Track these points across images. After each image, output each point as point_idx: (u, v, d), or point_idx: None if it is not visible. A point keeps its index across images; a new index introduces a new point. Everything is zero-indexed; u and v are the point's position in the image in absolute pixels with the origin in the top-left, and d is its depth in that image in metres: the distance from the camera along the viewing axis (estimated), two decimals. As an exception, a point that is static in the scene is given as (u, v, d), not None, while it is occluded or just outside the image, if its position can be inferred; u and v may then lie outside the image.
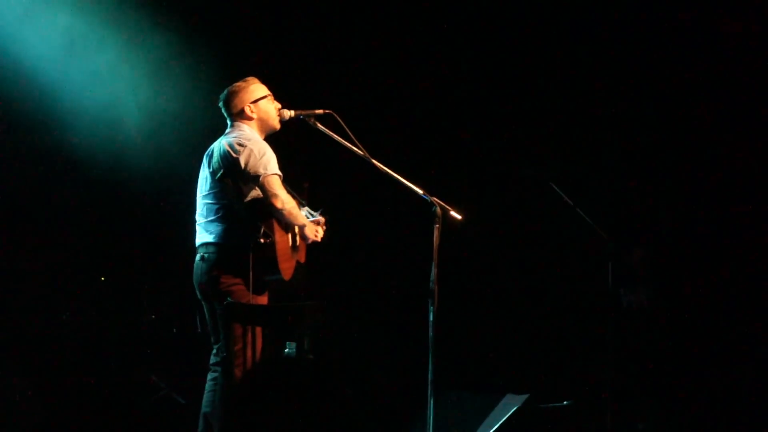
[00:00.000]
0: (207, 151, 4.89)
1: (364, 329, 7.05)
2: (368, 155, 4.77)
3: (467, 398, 5.31)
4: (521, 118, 7.00)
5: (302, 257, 5.14)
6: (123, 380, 6.47)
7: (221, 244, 4.74)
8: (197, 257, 4.83)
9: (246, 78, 5.01)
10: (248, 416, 4.30)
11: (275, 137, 5.04)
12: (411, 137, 7.11)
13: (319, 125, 4.89)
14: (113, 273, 6.83)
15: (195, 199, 4.96)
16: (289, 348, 5.06)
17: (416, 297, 5.08)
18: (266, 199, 4.71)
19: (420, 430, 4.73)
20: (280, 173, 4.78)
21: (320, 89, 6.86)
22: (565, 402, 5.83)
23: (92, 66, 6.57)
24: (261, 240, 4.65)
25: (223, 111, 4.99)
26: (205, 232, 4.81)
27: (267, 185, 4.69)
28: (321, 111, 4.87)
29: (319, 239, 5.14)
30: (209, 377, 4.88)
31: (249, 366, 4.59)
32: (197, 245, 4.86)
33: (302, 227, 4.94)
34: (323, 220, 5.20)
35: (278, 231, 4.77)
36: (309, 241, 5.06)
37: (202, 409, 4.85)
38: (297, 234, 5.00)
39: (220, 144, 4.82)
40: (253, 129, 4.92)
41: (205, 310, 4.93)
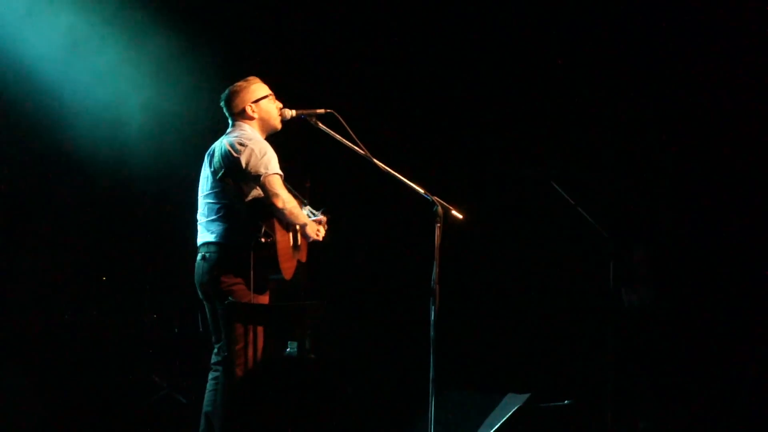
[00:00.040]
0: (208, 151, 4.89)
1: (366, 329, 7.05)
2: (369, 155, 4.77)
3: (468, 397, 5.31)
4: (522, 118, 7.00)
5: (303, 257, 5.14)
6: (124, 380, 6.48)
7: (222, 244, 4.74)
8: (198, 257, 4.83)
9: (247, 77, 5.00)
10: (249, 415, 4.30)
11: (276, 137, 5.04)
12: (412, 137, 7.11)
13: (321, 125, 4.88)
14: (115, 272, 6.84)
15: (196, 199, 4.96)
16: (291, 347, 5.06)
17: (418, 296, 5.07)
18: (267, 199, 4.71)
19: (421, 430, 4.72)
20: (281, 173, 4.78)
21: (321, 89, 6.85)
22: (566, 401, 5.83)
23: (94, 66, 6.58)
24: (262, 239, 4.65)
25: (225, 111, 4.99)
26: (207, 232, 4.82)
27: (268, 185, 4.69)
28: (322, 110, 4.86)
29: (321, 238, 5.14)
30: (210, 376, 4.88)
31: (250, 365, 4.59)
32: (198, 245, 4.86)
33: (303, 226, 4.95)
34: (325, 219, 5.20)
35: (279, 230, 4.77)
36: (310, 240, 5.07)
37: (204, 409, 4.85)
38: (298, 233, 5.01)
39: (221, 143, 4.82)
40: (255, 129, 4.92)
41: (206, 310, 4.94)
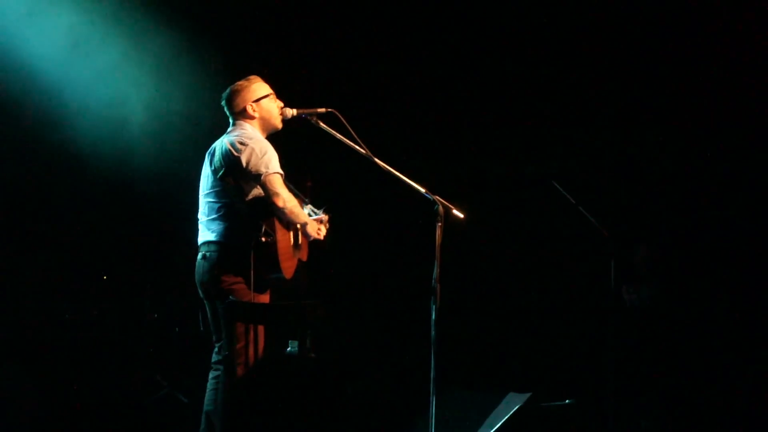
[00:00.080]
0: (209, 150, 4.89)
1: (367, 328, 7.05)
2: (370, 154, 4.76)
3: (469, 397, 5.30)
4: (523, 117, 7.00)
5: (304, 256, 5.14)
6: (125, 379, 6.48)
7: (223, 243, 4.74)
8: (199, 256, 4.84)
9: (248, 77, 5.00)
10: (250, 414, 4.30)
11: (277, 136, 5.04)
12: (413, 136, 7.11)
13: (322, 124, 4.87)
14: (116, 272, 6.84)
15: (197, 198, 4.96)
16: (291, 346, 5.06)
17: (418, 295, 5.07)
18: (268, 198, 4.71)
19: (422, 429, 4.72)
20: (282, 172, 4.78)
21: (322, 88, 6.86)
22: (568, 401, 5.82)
23: (96, 65, 6.58)
24: (262, 239, 4.65)
25: (226, 110, 4.99)
26: (207, 231, 4.82)
27: (268, 184, 4.69)
28: (323, 109, 4.86)
29: (322, 237, 5.14)
30: (211, 375, 4.89)
31: (251, 364, 4.59)
32: (199, 244, 4.86)
33: (304, 225, 4.95)
34: (326, 218, 5.21)
35: (280, 230, 4.77)
36: (311, 239, 5.07)
37: (204, 408, 4.85)
38: (299, 232, 5.01)
39: (222, 143, 4.82)
40: (255, 128, 4.92)
41: (207, 309, 4.94)
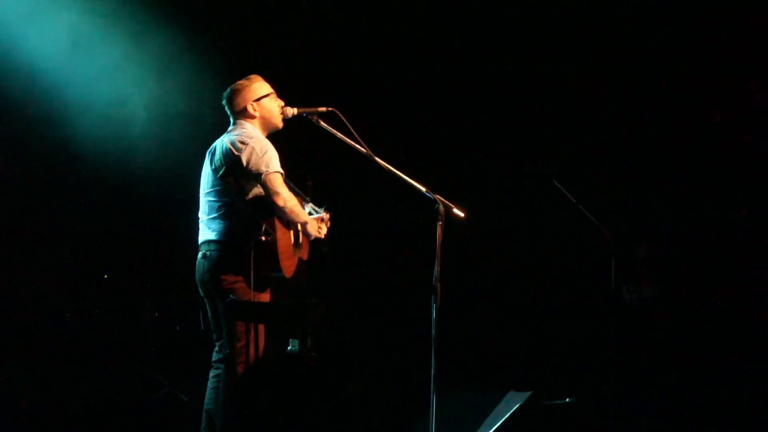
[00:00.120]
0: (209, 149, 4.89)
1: (367, 326, 7.05)
2: (371, 153, 4.76)
3: (470, 395, 5.30)
4: (524, 116, 6.99)
5: (305, 254, 5.14)
6: (126, 378, 6.48)
7: (223, 242, 4.75)
8: (199, 255, 4.84)
9: (249, 76, 5.00)
10: (250, 413, 4.30)
11: (278, 135, 5.04)
12: (414, 135, 7.11)
13: (322, 123, 4.87)
14: (116, 271, 6.84)
15: (198, 197, 4.97)
16: (292, 345, 5.07)
17: (419, 294, 5.07)
18: (268, 197, 4.71)
19: (423, 428, 4.72)
20: (282, 171, 4.78)
21: (323, 86, 6.86)
22: (568, 399, 5.82)
23: (98, 64, 6.58)
24: (262, 238, 4.65)
25: (226, 109, 4.99)
26: (208, 230, 4.82)
27: (269, 183, 4.70)
28: (324, 108, 4.86)
29: (323, 236, 5.14)
30: (211, 374, 4.89)
31: (251, 363, 4.59)
32: (199, 243, 4.86)
33: (304, 225, 4.95)
34: (327, 217, 5.21)
35: (280, 229, 4.77)
36: (311, 239, 5.07)
37: (205, 406, 4.86)
38: (299, 231, 5.01)
39: (222, 142, 4.82)
40: (256, 127, 4.92)
41: (208, 308, 4.94)
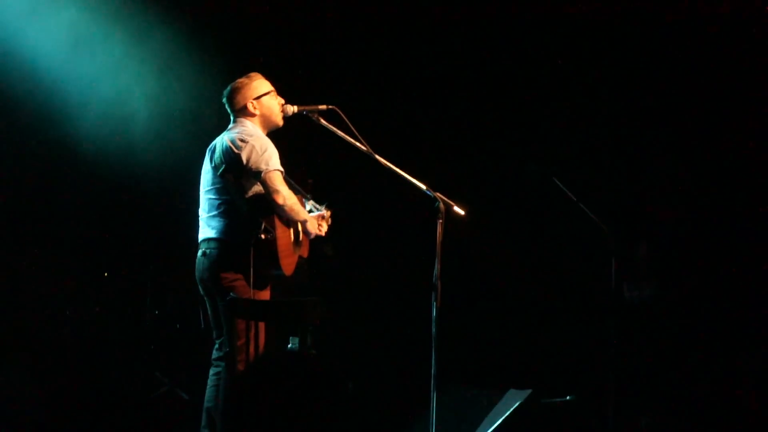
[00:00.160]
0: (209, 147, 4.89)
1: (367, 325, 7.05)
2: (371, 151, 4.76)
3: (470, 394, 5.30)
4: (524, 114, 7.00)
5: (305, 252, 5.14)
6: (126, 376, 6.49)
7: (222, 240, 4.75)
8: (199, 253, 4.84)
9: (249, 74, 4.99)
10: (251, 411, 4.31)
11: (279, 133, 5.04)
12: (414, 133, 7.11)
13: (323, 121, 4.87)
14: (117, 269, 6.85)
15: (198, 194, 4.97)
16: (292, 343, 5.06)
17: (419, 292, 5.07)
18: (268, 195, 4.71)
19: (423, 426, 4.72)
20: (282, 169, 4.78)
21: (323, 84, 6.86)
22: (568, 397, 5.82)
23: (99, 62, 6.58)
24: (262, 236, 4.65)
25: (227, 107, 4.99)
26: (207, 227, 4.82)
27: (268, 181, 4.69)
28: (324, 107, 4.85)
29: (323, 233, 5.14)
30: (211, 372, 4.89)
31: (252, 361, 4.59)
32: (199, 240, 4.86)
33: (304, 223, 4.94)
34: (328, 214, 5.20)
35: (280, 227, 4.77)
36: (311, 237, 5.07)
37: (205, 404, 4.86)
38: (299, 229, 5.01)
39: (222, 140, 4.82)
40: (256, 125, 4.92)
41: (207, 306, 4.94)
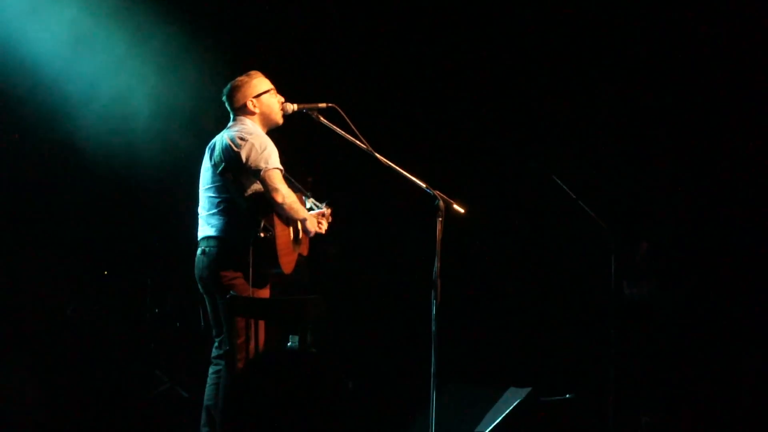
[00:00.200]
0: (209, 145, 4.89)
1: (367, 323, 7.05)
2: (371, 149, 4.76)
3: (469, 392, 5.31)
4: (524, 111, 7.00)
5: (305, 250, 5.14)
6: (126, 374, 6.50)
7: (222, 238, 4.75)
8: (198, 251, 4.84)
9: (249, 72, 4.99)
10: (250, 409, 4.31)
11: (278, 131, 5.04)
12: (414, 131, 7.11)
13: (322, 119, 4.87)
14: (117, 267, 6.85)
15: (197, 192, 4.97)
16: (292, 341, 5.07)
17: (419, 290, 5.07)
18: (267, 194, 4.71)
19: (422, 424, 4.73)
20: (281, 167, 4.78)
21: (323, 83, 6.86)
22: (568, 396, 5.82)
23: (100, 59, 6.58)
24: (261, 234, 4.65)
25: (226, 105, 4.99)
26: (207, 226, 4.82)
27: (268, 179, 4.69)
28: (324, 105, 4.85)
29: (323, 231, 5.14)
30: (211, 370, 4.89)
31: (251, 359, 4.59)
32: (199, 239, 4.86)
33: (303, 221, 4.94)
34: (329, 212, 5.20)
35: (279, 225, 4.76)
36: (311, 235, 5.06)
37: (205, 402, 4.86)
38: (299, 227, 5.00)
39: (222, 138, 4.82)
40: (256, 123, 4.92)
41: (207, 304, 4.94)
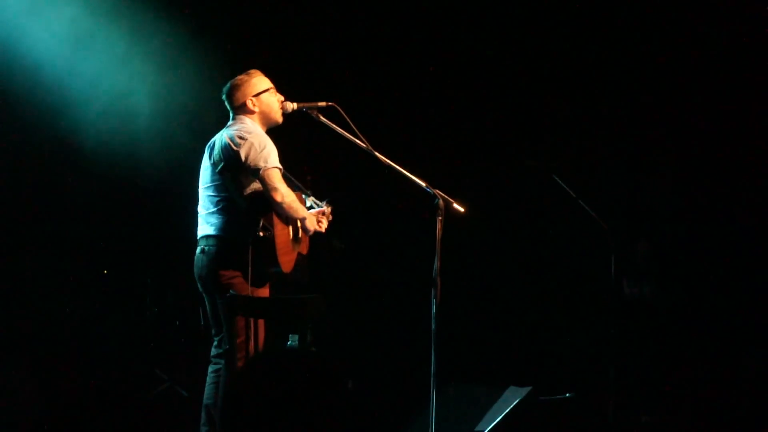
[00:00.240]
0: (208, 143, 4.89)
1: (367, 322, 7.05)
2: (371, 147, 4.76)
3: (469, 391, 5.30)
4: (524, 110, 7.00)
5: (305, 249, 5.14)
6: (126, 373, 6.50)
7: (221, 237, 4.74)
8: (198, 250, 4.83)
9: (249, 71, 4.98)
10: (250, 408, 4.30)
11: (278, 130, 5.03)
12: (414, 129, 7.11)
13: (322, 118, 4.86)
14: (116, 266, 6.85)
15: (197, 191, 4.96)
16: (292, 340, 5.07)
17: (419, 289, 5.07)
18: (266, 193, 4.70)
19: (422, 423, 4.72)
20: (281, 167, 4.77)
21: (323, 81, 6.86)
22: (568, 395, 5.82)
23: (101, 58, 6.58)
24: (260, 233, 4.64)
25: (226, 104, 4.98)
26: (206, 224, 4.82)
27: (267, 178, 4.68)
28: (324, 103, 4.85)
29: (323, 230, 5.13)
30: (210, 369, 4.89)
31: (251, 358, 4.59)
32: (198, 237, 4.86)
33: (303, 220, 4.93)
34: (329, 210, 5.20)
35: (278, 224, 4.76)
36: (310, 234, 5.06)
37: (204, 402, 4.86)
38: (299, 226, 5.00)
39: (221, 137, 4.82)
40: (255, 122, 4.91)
41: (206, 303, 4.94)
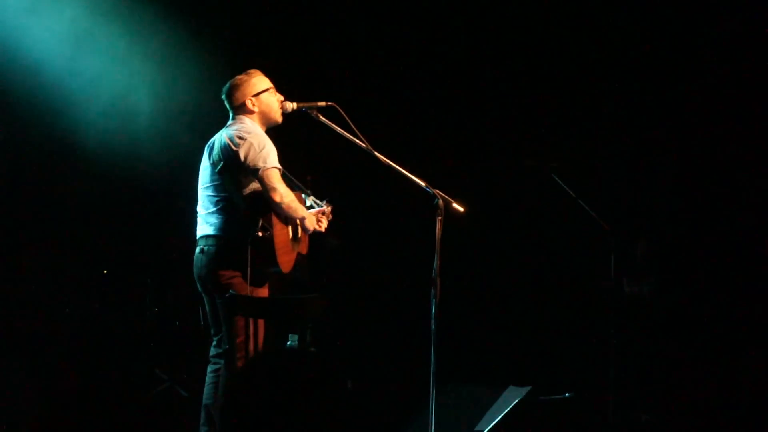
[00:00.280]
0: (208, 143, 4.89)
1: (367, 321, 7.05)
2: (371, 147, 4.76)
3: (469, 390, 5.31)
4: (523, 110, 7.00)
5: (304, 249, 5.13)
6: (126, 373, 6.49)
7: (220, 237, 4.74)
8: (197, 249, 4.83)
9: (248, 71, 4.98)
10: (249, 408, 4.30)
11: (278, 130, 5.03)
12: (414, 129, 7.11)
13: (322, 117, 4.86)
14: (116, 266, 6.85)
15: (197, 191, 4.96)
16: (291, 340, 5.07)
17: (418, 289, 5.07)
18: (265, 193, 4.69)
19: (422, 423, 4.72)
20: (280, 166, 4.77)
21: (323, 81, 6.86)
22: (567, 394, 5.82)
23: (102, 57, 6.58)
24: (259, 233, 4.64)
25: (226, 104, 4.98)
26: (206, 224, 4.81)
27: (266, 178, 4.68)
28: (323, 103, 4.84)
29: (323, 229, 5.13)
30: (210, 369, 4.88)
31: (251, 358, 4.59)
32: (197, 237, 4.85)
33: (302, 220, 4.93)
34: (329, 210, 5.20)
35: (277, 224, 4.75)
36: (310, 233, 5.05)
37: (204, 401, 4.86)
38: (298, 226, 5.00)
39: (221, 136, 4.82)
40: (255, 122, 4.91)
41: (206, 302, 4.94)
